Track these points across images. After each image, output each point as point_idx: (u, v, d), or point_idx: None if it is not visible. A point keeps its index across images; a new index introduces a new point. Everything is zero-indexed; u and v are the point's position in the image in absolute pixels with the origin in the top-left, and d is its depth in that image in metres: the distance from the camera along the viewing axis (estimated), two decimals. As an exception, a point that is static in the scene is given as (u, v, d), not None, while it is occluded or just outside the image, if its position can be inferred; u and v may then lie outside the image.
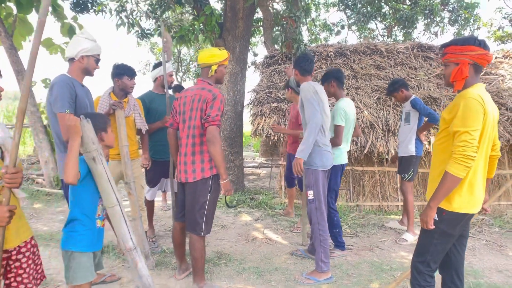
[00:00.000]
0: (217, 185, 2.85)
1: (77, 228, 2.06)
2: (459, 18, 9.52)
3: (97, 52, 2.81)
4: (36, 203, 5.51)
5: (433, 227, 2.08)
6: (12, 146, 1.72)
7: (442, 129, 2.14)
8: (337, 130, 3.61)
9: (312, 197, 3.20)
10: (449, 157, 1.98)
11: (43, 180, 6.28)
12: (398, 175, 5.05)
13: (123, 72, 3.45)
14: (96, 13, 6.31)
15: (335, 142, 3.59)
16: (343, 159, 3.74)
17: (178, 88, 5.11)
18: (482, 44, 2.01)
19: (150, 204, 4.00)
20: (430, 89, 5.99)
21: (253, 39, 12.63)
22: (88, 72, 2.81)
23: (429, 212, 2.06)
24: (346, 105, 3.66)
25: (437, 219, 2.08)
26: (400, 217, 5.02)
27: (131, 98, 3.58)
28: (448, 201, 2.05)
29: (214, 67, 2.85)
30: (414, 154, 4.25)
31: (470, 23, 9.74)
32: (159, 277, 3.20)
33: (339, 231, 3.77)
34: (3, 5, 5.70)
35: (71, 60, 2.73)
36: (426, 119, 4.23)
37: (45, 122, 6.32)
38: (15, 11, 5.60)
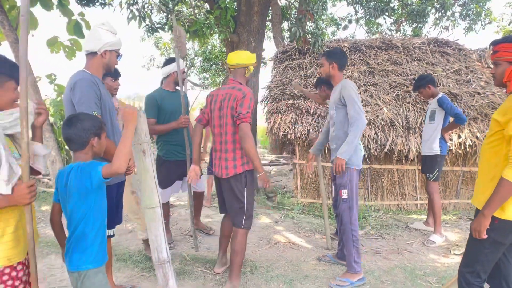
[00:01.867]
0: (252, 179, 2.91)
1: (89, 242, 1.82)
2: (471, 12, 9.33)
3: (119, 47, 2.55)
4: (44, 205, 5.29)
5: (486, 236, 1.96)
6: (23, 153, 1.61)
7: (495, 132, 1.99)
8: None
9: (346, 196, 3.11)
10: (503, 161, 1.87)
11: (49, 180, 6.05)
12: (422, 174, 4.88)
13: (106, 73, 3.23)
14: (103, 6, 6.06)
15: None
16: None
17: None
18: None
19: (164, 208, 3.76)
20: (449, 85, 5.80)
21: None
22: (109, 68, 2.54)
23: (483, 221, 1.93)
24: None
25: (488, 227, 1.95)
26: (424, 217, 4.87)
27: (115, 101, 3.38)
28: (502, 209, 1.91)
29: (251, 67, 3.00)
30: (439, 153, 4.11)
31: (482, 17, 9.55)
32: (181, 287, 3.00)
33: None
34: (6, -3, 5.44)
35: (92, 54, 2.46)
36: (452, 119, 4.07)
37: (52, 120, 6.08)
38: (19, 3, 5.34)
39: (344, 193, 3.11)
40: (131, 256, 3.52)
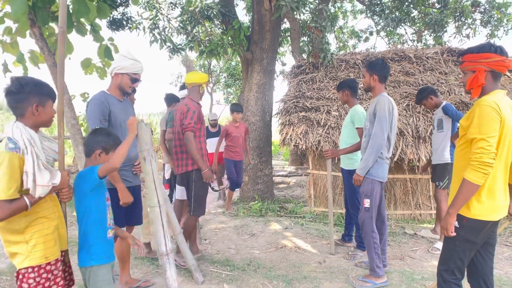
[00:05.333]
0: (200, 176, 3.50)
1: (91, 241, 2.06)
2: (492, 19, 9.21)
3: (133, 71, 2.84)
4: (77, 211, 5.83)
5: (453, 234, 2.09)
6: (60, 149, 1.98)
7: (461, 136, 2.15)
8: (361, 132, 3.71)
9: (369, 206, 3.25)
10: (468, 164, 1.99)
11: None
12: (431, 182, 4.95)
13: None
14: (131, 30, 6.65)
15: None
16: None
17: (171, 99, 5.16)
18: (498, 51, 2.01)
19: (180, 204, 4.33)
20: (461, 94, 5.84)
21: (281, 49, 12.78)
22: (123, 89, 2.87)
23: (449, 219, 2.08)
24: (363, 110, 3.91)
25: (457, 226, 2.09)
26: (433, 225, 4.92)
27: None
28: (468, 207, 2.05)
29: (203, 85, 3.64)
30: (449, 161, 4.17)
31: (504, 24, 9.38)
32: (190, 283, 3.30)
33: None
34: (46, 26, 6.12)
35: (111, 76, 2.90)
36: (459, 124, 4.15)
37: (84, 134, 6.68)
38: (56, 30, 5.99)
39: (367, 202, 3.26)
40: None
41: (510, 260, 3.87)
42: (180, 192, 4.28)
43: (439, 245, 4.16)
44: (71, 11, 4.75)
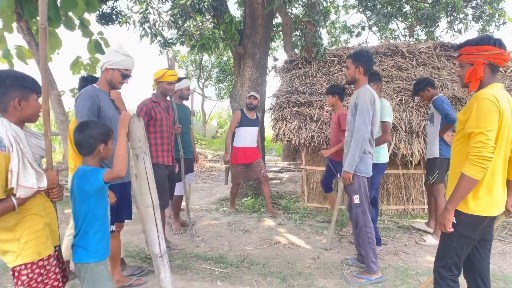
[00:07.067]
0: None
1: (92, 239, 2.02)
2: (483, 14, 9.26)
3: (124, 67, 2.78)
4: (66, 208, 5.73)
5: (451, 230, 2.06)
6: (47, 148, 1.90)
7: (459, 131, 2.10)
8: (385, 126, 3.75)
9: (359, 202, 3.23)
10: (466, 158, 1.96)
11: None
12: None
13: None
14: (121, 24, 6.53)
15: (385, 138, 3.76)
16: (386, 157, 4.03)
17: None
18: (497, 43, 1.96)
19: (178, 199, 4.51)
20: (454, 89, 5.84)
21: (273, 44, 12.71)
22: (113, 85, 2.80)
23: (447, 215, 2.04)
24: (389, 104, 4.00)
25: (455, 221, 2.05)
26: (426, 220, 4.93)
27: None
28: (466, 203, 2.02)
29: (153, 84, 3.60)
30: (438, 156, 4.16)
31: (495, 19, 9.44)
32: (183, 281, 3.26)
33: (375, 226, 3.75)
34: (33, 20, 5.98)
35: (102, 71, 2.82)
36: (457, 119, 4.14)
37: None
38: (45, 25, 5.86)
39: (356, 199, 3.23)
40: (139, 253, 3.83)
41: (503, 254, 3.89)
42: (178, 188, 4.31)
43: (429, 238, 4.18)
44: (59, 5, 4.61)
